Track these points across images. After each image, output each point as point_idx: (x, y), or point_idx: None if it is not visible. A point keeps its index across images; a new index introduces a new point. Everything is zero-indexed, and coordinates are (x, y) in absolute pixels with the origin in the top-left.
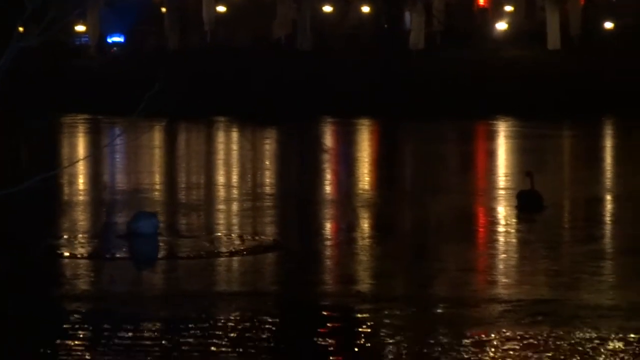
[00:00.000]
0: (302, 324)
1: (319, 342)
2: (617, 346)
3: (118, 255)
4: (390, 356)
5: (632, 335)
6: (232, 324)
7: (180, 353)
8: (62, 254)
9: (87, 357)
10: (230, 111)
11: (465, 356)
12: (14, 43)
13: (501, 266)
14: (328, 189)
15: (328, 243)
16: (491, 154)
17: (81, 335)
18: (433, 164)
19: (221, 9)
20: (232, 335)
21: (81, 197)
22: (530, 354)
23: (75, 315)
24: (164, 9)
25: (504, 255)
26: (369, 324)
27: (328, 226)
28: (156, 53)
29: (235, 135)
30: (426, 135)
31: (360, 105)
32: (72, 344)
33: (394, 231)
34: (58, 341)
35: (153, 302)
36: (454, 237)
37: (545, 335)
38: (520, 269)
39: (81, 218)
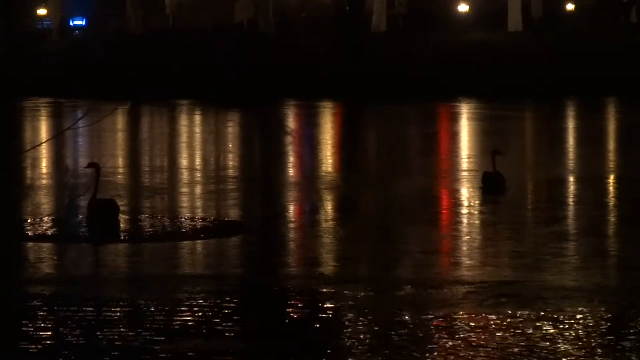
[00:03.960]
0: (266, 306)
1: (282, 324)
2: (581, 327)
3: (81, 238)
4: (354, 337)
5: (596, 317)
6: (197, 307)
7: (146, 335)
8: (26, 237)
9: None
10: (193, 94)
11: (429, 337)
12: None
13: (465, 248)
14: (292, 171)
15: (292, 226)
16: (454, 136)
17: (45, 318)
18: (397, 147)
19: None
20: (196, 317)
21: (44, 181)
22: (494, 335)
23: (39, 299)
24: None
25: (468, 237)
26: (332, 306)
27: (292, 209)
28: (118, 37)
29: (198, 118)
30: (390, 118)
31: (323, 88)
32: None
33: (358, 213)
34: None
35: (117, 285)
36: (417, 219)
37: (508, 316)
38: (483, 251)
39: (44, 201)
